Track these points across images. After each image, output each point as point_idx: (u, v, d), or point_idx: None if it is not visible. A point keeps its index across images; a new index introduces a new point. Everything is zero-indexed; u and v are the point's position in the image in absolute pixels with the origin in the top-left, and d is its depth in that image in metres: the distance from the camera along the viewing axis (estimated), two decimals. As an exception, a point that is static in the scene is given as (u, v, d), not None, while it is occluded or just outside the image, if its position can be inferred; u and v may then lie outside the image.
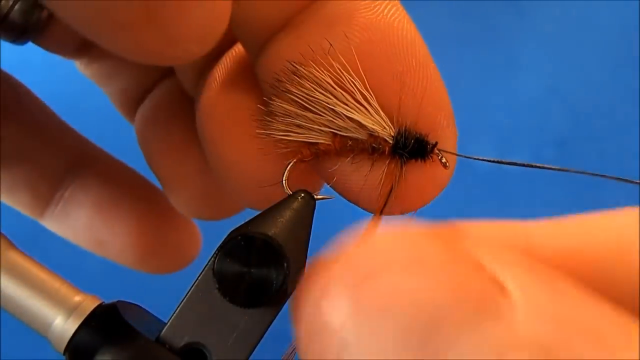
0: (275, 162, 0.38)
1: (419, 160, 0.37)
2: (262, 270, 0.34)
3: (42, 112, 0.49)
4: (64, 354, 0.35)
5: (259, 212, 0.37)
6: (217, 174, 0.41)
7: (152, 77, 0.50)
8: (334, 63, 0.35)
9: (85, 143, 0.52)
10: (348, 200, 0.40)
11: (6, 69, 0.50)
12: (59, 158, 0.48)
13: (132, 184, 0.52)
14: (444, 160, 0.37)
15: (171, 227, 0.51)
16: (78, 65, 0.52)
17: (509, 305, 0.21)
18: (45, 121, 0.49)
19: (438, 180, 0.38)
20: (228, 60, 0.41)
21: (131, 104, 0.51)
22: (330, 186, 0.40)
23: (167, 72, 0.50)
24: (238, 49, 0.42)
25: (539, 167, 0.37)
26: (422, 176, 0.37)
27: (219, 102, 0.40)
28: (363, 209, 0.39)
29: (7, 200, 0.48)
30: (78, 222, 0.49)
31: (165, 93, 0.49)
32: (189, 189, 0.47)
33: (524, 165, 0.36)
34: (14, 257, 0.36)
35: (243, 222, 0.36)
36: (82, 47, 0.50)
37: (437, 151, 0.37)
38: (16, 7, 0.42)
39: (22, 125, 0.47)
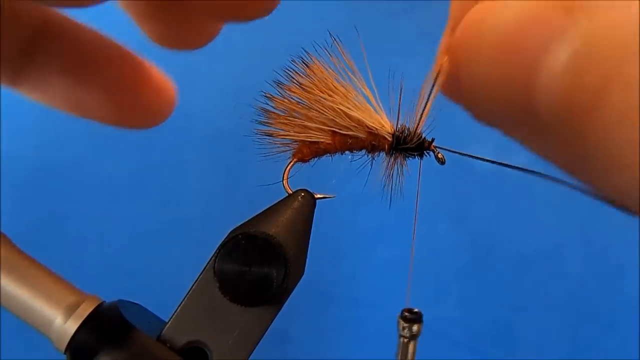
0: None
1: (417, 156, 0.38)
2: (263, 269, 0.34)
3: None
4: (65, 353, 0.35)
5: (259, 212, 0.37)
6: None
7: None
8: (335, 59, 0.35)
9: (51, 11, 0.51)
10: None
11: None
12: (26, 26, 0.48)
13: (102, 45, 0.52)
14: (440, 156, 0.38)
15: (145, 82, 0.51)
16: None
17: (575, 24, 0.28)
18: None
19: None
20: None
21: None
22: None
23: None
24: None
25: (536, 174, 0.37)
26: None
27: None
28: None
29: None
30: (52, 87, 0.49)
31: None
32: (159, 16, 0.46)
33: (519, 169, 0.36)
34: (15, 257, 0.36)
35: (244, 222, 0.36)
36: None
37: (433, 148, 0.38)
38: None
39: None
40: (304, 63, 0.37)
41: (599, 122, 0.27)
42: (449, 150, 0.38)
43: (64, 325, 0.35)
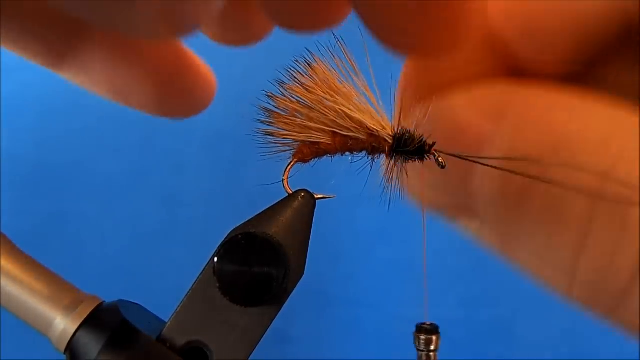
0: None
1: (417, 160, 0.37)
2: (263, 269, 0.34)
3: None
4: (65, 353, 0.35)
5: (259, 212, 0.37)
6: None
7: None
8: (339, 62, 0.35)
9: None
10: None
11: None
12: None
13: None
14: (440, 160, 0.37)
15: (186, 71, 0.51)
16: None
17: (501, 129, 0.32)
18: None
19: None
20: None
21: None
22: None
23: None
24: None
25: (536, 179, 0.37)
26: None
27: None
28: None
29: (22, 53, 0.48)
30: (95, 72, 0.49)
31: None
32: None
33: (521, 174, 0.36)
34: (15, 257, 0.36)
35: (244, 222, 0.36)
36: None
37: (434, 152, 0.37)
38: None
39: None
40: (307, 63, 0.37)
41: (523, 226, 0.29)
42: (450, 155, 0.37)
43: (64, 325, 0.35)
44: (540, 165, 0.29)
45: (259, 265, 0.34)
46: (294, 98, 0.37)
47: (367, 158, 0.40)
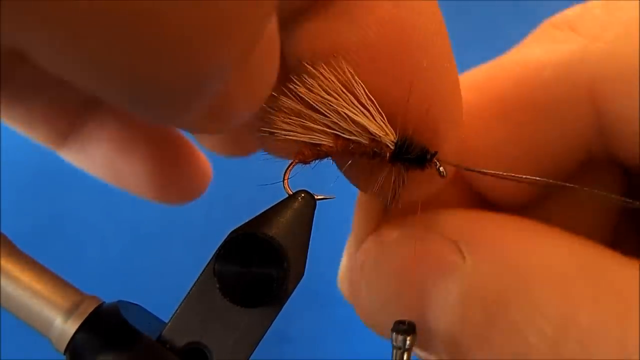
0: None
1: (418, 168, 0.37)
2: (263, 270, 0.34)
3: None
4: (65, 353, 0.35)
5: (259, 213, 0.37)
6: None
7: None
8: (343, 64, 0.35)
9: None
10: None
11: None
12: (77, 93, 0.48)
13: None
14: (441, 169, 0.37)
15: (185, 160, 0.52)
16: None
17: (463, 262, 0.30)
18: None
19: (434, 187, 0.39)
20: None
21: None
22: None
23: None
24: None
25: (538, 181, 0.36)
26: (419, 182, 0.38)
27: None
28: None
29: (26, 133, 0.49)
30: (96, 155, 0.50)
31: None
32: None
33: (521, 180, 0.36)
34: (15, 257, 0.36)
35: (244, 222, 0.36)
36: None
37: (435, 161, 0.37)
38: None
39: None
40: (312, 64, 0.37)
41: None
42: (451, 164, 0.37)
43: (64, 325, 0.35)
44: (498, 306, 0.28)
45: (259, 266, 0.34)
46: (297, 98, 0.37)
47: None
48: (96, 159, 0.50)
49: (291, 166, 0.39)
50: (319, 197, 0.38)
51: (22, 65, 0.41)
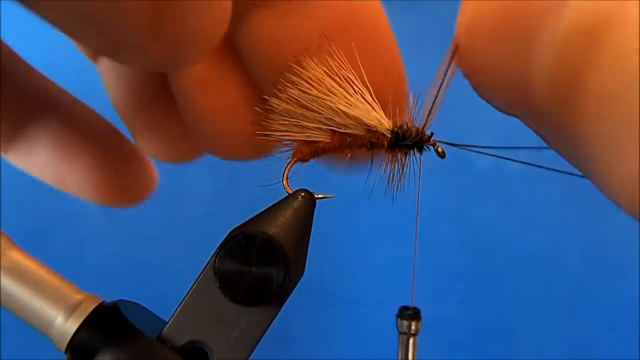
0: (249, 113, 0.40)
1: (417, 151, 0.38)
2: (263, 269, 0.34)
3: (6, 55, 0.49)
4: (65, 352, 0.35)
5: (259, 212, 0.37)
6: (193, 125, 0.43)
7: None
8: (334, 49, 0.35)
9: (50, 85, 0.52)
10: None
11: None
12: (22, 99, 0.49)
13: (93, 124, 0.53)
14: (439, 150, 0.38)
15: (128, 164, 0.53)
16: None
17: None
18: (8, 64, 0.49)
19: None
20: None
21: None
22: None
23: None
24: None
25: (535, 166, 0.37)
26: None
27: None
28: None
29: None
30: (40, 159, 0.50)
31: None
32: (158, 136, 0.49)
33: (519, 162, 0.36)
34: (16, 256, 0.36)
35: (244, 221, 0.36)
36: None
37: (433, 142, 0.38)
38: None
39: None
40: (301, 63, 0.37)
41: (579, 111, 0.26)
42: (448, 144, 0.38)
43: (64, 325, 0.35)
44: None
45: (259, 265, 0.34)
46: (290, 98, 0.37)
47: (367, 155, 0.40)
48: (40, 163, 0.50)
49: (290, 165, 0.39)
50: (318, 196, 0.38)
51: None
